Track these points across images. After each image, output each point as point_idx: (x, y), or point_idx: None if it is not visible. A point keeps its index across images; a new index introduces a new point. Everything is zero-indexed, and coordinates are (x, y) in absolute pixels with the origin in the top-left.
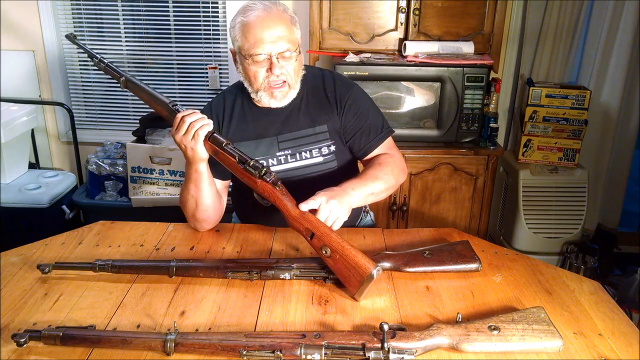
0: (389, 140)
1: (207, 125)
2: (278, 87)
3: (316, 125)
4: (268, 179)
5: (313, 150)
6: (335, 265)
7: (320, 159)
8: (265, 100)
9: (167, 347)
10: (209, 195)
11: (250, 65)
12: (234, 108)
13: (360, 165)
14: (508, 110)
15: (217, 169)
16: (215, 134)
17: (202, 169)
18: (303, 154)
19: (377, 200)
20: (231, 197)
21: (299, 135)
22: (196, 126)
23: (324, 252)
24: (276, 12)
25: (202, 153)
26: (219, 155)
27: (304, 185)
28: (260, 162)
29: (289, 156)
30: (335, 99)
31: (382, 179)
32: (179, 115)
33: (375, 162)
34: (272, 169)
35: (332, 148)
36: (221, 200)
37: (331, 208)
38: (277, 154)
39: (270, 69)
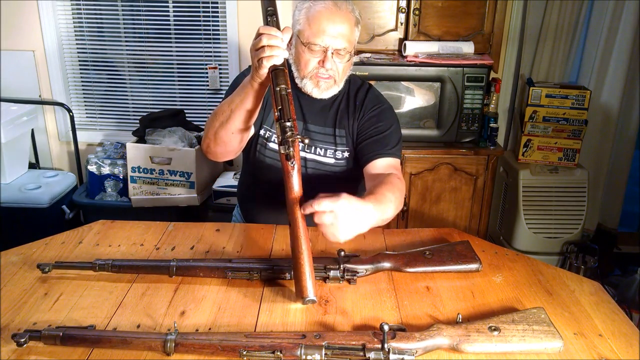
0: (397, 162)
1: (275, 57)
2: (324, 78)
3: (337, 127)
4: (283, 151)
5: (328, 150)
6: (292, 262)
7: (332, 161)
8: (308, 87)
9: (167, 347)
10: (244, 122)
11: (304, 51)
12: None
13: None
14: (508, 110)
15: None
16: (281, 69)
17: (257, 87)
18: (319, 150)
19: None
20: (237, 188)
21: (322, 131)
22: (265, 53)
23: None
24: (344, 10)
25: (260, 77)
26: (271, 93)
27: (306, 180)
28: (294, 132)
29: (306, 146)
30: (361, 105)
31: (394, 202)
32: (260, 29)
33: (387, 181)
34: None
35: (345, 154)
36: (242, 143)
37: (336, 213)
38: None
39: (322, 61)
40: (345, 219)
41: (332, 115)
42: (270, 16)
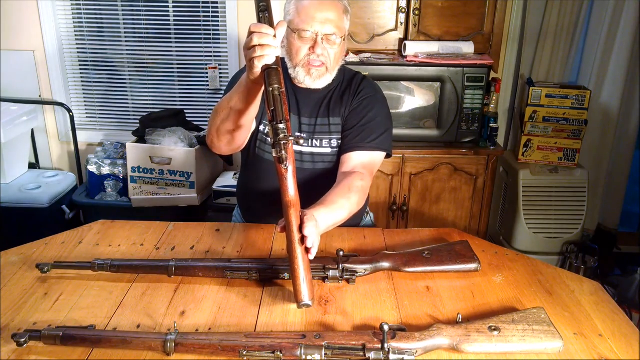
0: (372, 157)
1: (266, 56)
2: (316, 65)
3: (331, 116)
4: (274, 154)
5: (324, 140)
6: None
7: (328, 150)
8: (301, 76)
9: (167, 347)
10: (244, 118)
11: (295, 40)
12: None
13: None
14: (508, 110)
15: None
16: (274, 68)
17: (253, 86)
18: (315, 141)
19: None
20: (237, 186)
21: (318, 122)
22: (256, 53)
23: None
24: None
25: (254, 76)
26: (264, 93)
27: (302, 174)
28: (287, 134)
29: (302, 140)
30: (355, 93)
31: (347, 208)
32: (251, 27)
33: (345, 185)
34: None
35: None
36: (246, 137)
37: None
38: (296, 134)
39: (313, 47)
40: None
41: (325, 104)
42: (263, 12)
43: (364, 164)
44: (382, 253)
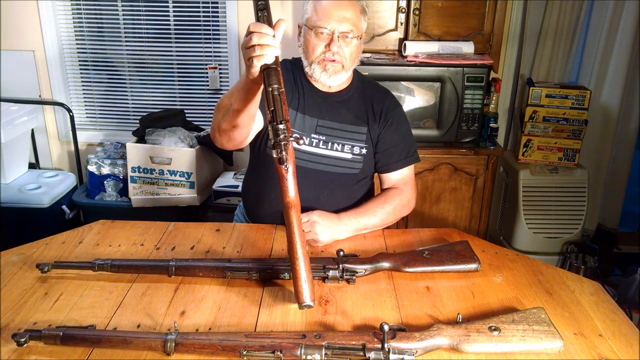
0: (410, 169)
1: (265, 56)
2: (331, 61)
3: (358, 124)
4: (275, 155)
5: (346, 146)
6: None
7: (349, 156)
8: (317, 73)
9: (167, 347)
10: (244, 116)
11: (312, 37)
12: (286, 74)
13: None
14: (508, 110)
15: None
16: (273, 68)
17: (252, 85)
18: (335, 145)
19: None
20: (242, 184)
21: (339, 127)
22: (255, 53)
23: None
24: None
25: (252, 76)
26: (263, 92)
27: (321, 177)
28: (287, 135)
29: (321, 142)
30: (380, 111)
31: (379, 215)
32: (250, 27)
33: (381, 196)
34: (302, 148)
35: (364, 151)
36: (246, 134)
37: (315, 230)
38: (312, 135)
39: (329, 45)
40: (319, 226)
41: (349, 111)
42: (261, 11)
43: (404, 180)
44: (382, 253)
